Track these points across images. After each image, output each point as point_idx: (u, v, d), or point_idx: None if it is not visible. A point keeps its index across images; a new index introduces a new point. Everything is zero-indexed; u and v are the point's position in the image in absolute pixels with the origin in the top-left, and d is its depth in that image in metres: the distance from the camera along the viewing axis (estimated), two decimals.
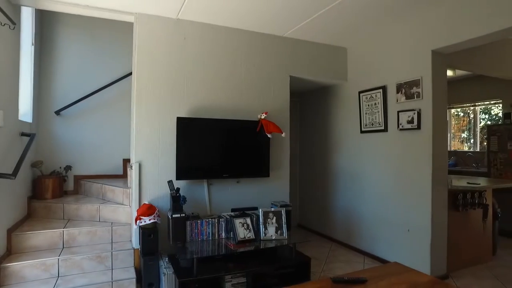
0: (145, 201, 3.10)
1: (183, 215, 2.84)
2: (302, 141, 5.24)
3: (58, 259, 2.80)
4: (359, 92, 3.96)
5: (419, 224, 3.24)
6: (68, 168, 3.99)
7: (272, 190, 3.67)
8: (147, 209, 2.85)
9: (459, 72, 5.28)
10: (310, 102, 5.01)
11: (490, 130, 5.00)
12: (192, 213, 3.13)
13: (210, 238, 3.02)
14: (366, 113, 3.88)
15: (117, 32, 4.33)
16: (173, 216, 2.81)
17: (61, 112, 4.03)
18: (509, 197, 4.63)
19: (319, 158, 4.77)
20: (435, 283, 1.86)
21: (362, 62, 3.99)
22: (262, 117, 3.41)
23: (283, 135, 3.52)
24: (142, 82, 3.13)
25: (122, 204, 3.45)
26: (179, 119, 3.12)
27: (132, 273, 2.88)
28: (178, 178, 3.12)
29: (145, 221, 2.79)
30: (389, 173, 3.60)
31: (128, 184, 3.51)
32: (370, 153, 3.85)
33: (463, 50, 3.39)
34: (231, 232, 3.01)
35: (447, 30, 3.00)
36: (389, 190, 3.60)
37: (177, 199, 2.89)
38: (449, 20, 2.98)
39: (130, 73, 4.08)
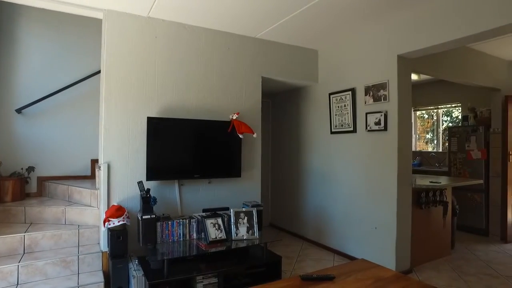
0: (114, 202, 3.02)
1: (154, 216, 2.80)
2: (274, 141, 5.30)
3: (18, 265, 2.66)
4: (329, 94, 4.06)
5: (386, 222, 3.37)
6: (30, 169, 3.80)
7: (244, 190, 3.69)
8: (116, 211, 2.78)
9: (423, 77, 5.56)
10: (282, 103, 5.08)
11: (450, 132, 5.29)
12: (163, 214, 3.08)
13: (181, 239, 3.00)
14: (336, 115, 3.99)
15: (85, 28, 4.18)
16: (143, 217, 2.76)
17: (23, 110, 3.84)
18: (466, 194, 4.92)
19: (291, 158, 4.84)
20: (398, 277, 1.95)
21: (333, 65, 4.09)
22: (234, 117, 3.42)
23: (254, 135, 3.55)
24: (111, 80, 3.05)
25: (90, 206, 3.34)
26: (149, 119, 3.07)
27: (100, 277, 2.80)
28: (148, 178, 3.06)
29: (114, 223, 2.72)
30: (358, 173, 3.72)
31: (97, 185, 3.40)
32: (340, 154, 3.97)
33: (426, 56, 3.57)
34: (203, 233, 3.00)
35: (411, 37, 3.15)
36: (357, 190, 3.72)
37: (147, 200, 2.84)
38: (413, 27, 3.13)
39: (99, 71, 3.96)
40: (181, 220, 3.01)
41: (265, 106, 5.20)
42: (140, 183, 2.87)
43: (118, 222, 2.73)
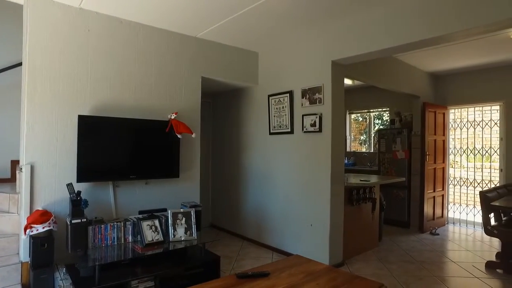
0: (39, 207, 2.77)
1: (84, 220, 2.63)
2: (214, 141, 5.29)
3: None
4: (269, 96, 4.17)
5: (320, 219, 3.56)
6: None
7: (182, 191, 3.63)
8: (40, 216, 2.56)
9: (357, 82, 5.96)
10: (223, 103, 5.09)
11: (380, 134, 5.75)
12: (95, 218, 2.91)
13: (116, 243, 2.86)
14: (274, 116, 4.11)
15: (3, 12, 3.78)
16: (73, 221, 2.58)
17: None
18: (392, 191, 5.40)
19: (231, 159, 4.88)
20: (328, 270, 2.08)
21: (272, 67, 4.21)
22: (172, 117, 3.35)
23: (193, 135, 3.51)
24: (35, 75, 2.79)
25: (8, 212, 3.02)
26: (81, 117, 2.88)
27: None
28: (79, 180, 2.87)
29: (37, 230, 2.50)
30: (295, 172, 3.87)
31: (17, 189, 3.09)
32: (278, 154, 4.09)
33: (359, 63, 3.85)
34: (139, 235, 2.89)
35: (344, 44, 3.37)
36: (295, 189, 3.87)
37: (77, 203, 2.65)
38: (345, 36, 3.36)
39: (20, 63, 3.60)
40: (115, 223, 2.87)
41: (206, 106, 5.17)
42: (69, 185, 2.68)
43: (43, 228, 2.52)
